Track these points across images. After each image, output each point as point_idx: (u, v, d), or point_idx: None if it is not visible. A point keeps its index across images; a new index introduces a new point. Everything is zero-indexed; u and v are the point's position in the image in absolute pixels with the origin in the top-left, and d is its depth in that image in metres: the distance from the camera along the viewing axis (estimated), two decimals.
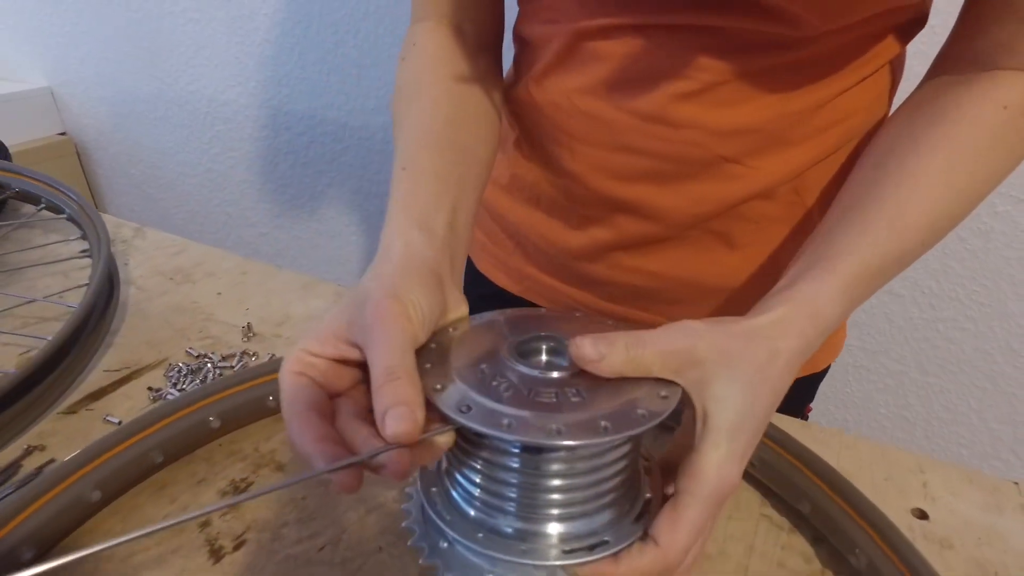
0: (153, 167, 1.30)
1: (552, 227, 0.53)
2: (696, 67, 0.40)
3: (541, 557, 0.28)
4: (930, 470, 0.41)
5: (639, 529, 0.29)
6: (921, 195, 0.35)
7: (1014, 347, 0.84)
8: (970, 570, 0.34)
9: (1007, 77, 0.36)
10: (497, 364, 0.29)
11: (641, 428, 0.25)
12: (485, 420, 0.25)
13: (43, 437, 0.43)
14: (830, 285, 0.32)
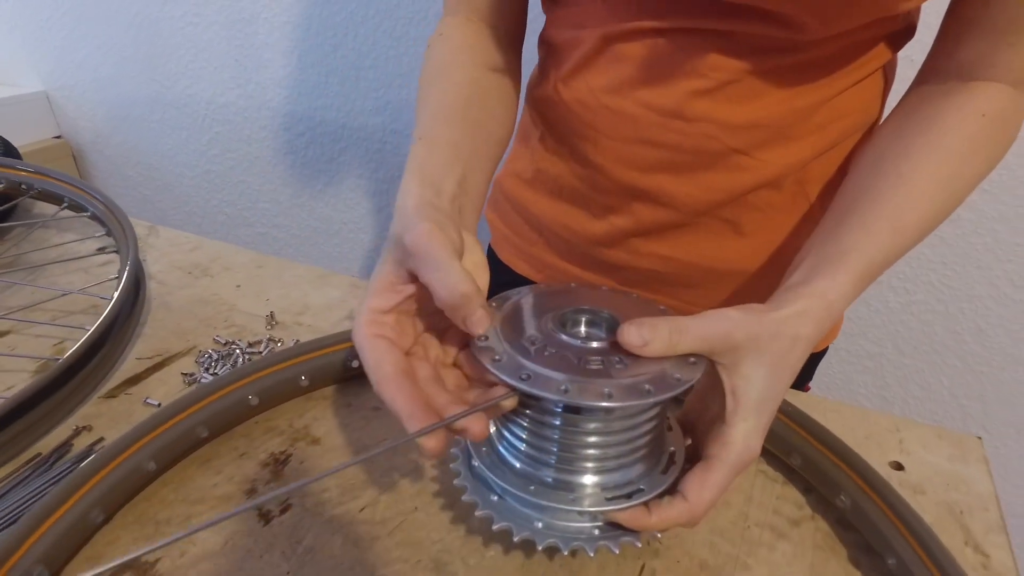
0: (150, 169, 1.32)
1: (574, 216, 0.57)
2: (711, 67, 0.44)
3: (586, 504, 0.32)
4: (905, 429, 0.46)
5: (668, 479, 0.33)
6: (916, 197, 0.39)
7: (982, 327, 0.89)
8: (939, 511, 0.39)
9: (984, 88, 0.41)
10: (545, 335, 0.32)
11: (679, 390, 0.29)
12: (545, 386, 0.29)
13: (89, 419, 0.46)
14: (841, 281, 0.35)
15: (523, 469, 0.34)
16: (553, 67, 0.53)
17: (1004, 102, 0.41)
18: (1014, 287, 0.86)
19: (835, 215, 0.41)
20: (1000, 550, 0.37)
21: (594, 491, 0.32)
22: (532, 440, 0.33)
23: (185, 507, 0.39)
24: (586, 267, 0.59)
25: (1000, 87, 0.41)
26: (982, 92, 0.41)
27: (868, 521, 0.36)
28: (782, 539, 0.38)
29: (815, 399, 0.47)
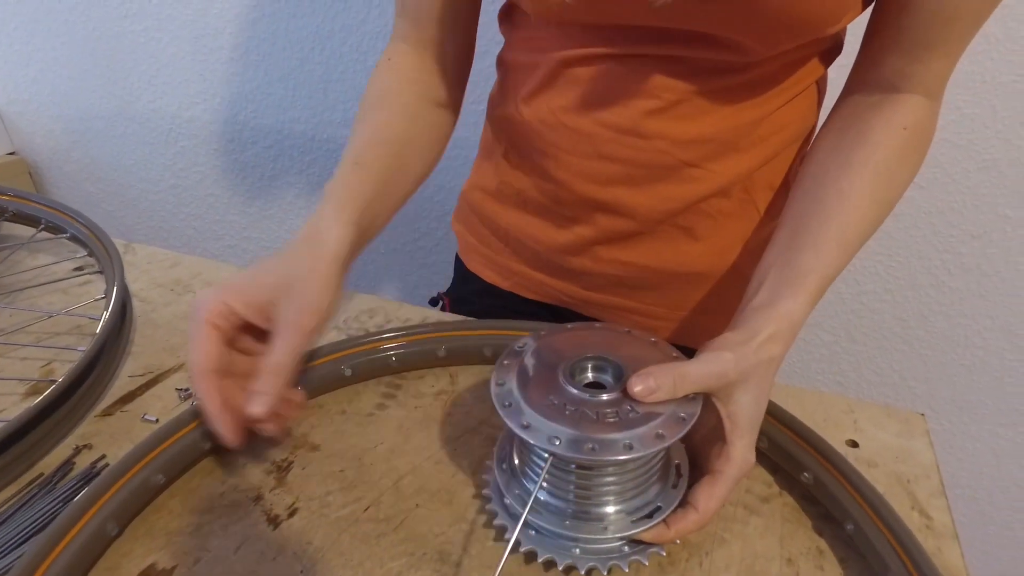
0: (113, 184, 1.30)
1: (539, 227, 0.60)
2: (662, 88, 0.48)
3: (618, 530, 0.36)
4: (858, 409, 0.50)
5: (679, 493, 0.38)
6: (858, 214, 0.44)
7: (924, 313, 0.96)
8: (889, 481, 0.43)
9: (904, 101, 0.46)
10: (561, 392, 0.36)
11: (686, 429, 0.34)
12: (574, 448, 0.33)
13: (87, 437, 0.47)
14: (802, 302, 0.40)
15: (556, 506, 0.38)
16: (513, 88, 0.56)
17: (920, 113, 0.46)
18: (950, 275, 0.93)
19: (787, 232, 0.45)
20: (941, 512, 0.42)
21: (620, 517, 0.37)
22: (564, 487, 0.38)
23: (195, 516, 0.41)
24: (551, 274, 0.62)
25: (917, 98, 0.46)
26: (902, 105, 0.46)
27: (829, 494, 0.40)
28: (754, 515, 0.41)
29: (778, 387, 0.51)
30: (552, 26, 0.51)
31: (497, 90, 0.61)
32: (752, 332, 0.38)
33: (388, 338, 0.53)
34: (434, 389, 0.53)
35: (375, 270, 1.25)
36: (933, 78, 0.45)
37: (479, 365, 0.55)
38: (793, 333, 0.40)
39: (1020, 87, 0.80)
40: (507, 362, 0.39)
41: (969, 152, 0.84)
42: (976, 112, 0.82)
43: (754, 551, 0.39)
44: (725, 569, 0.38)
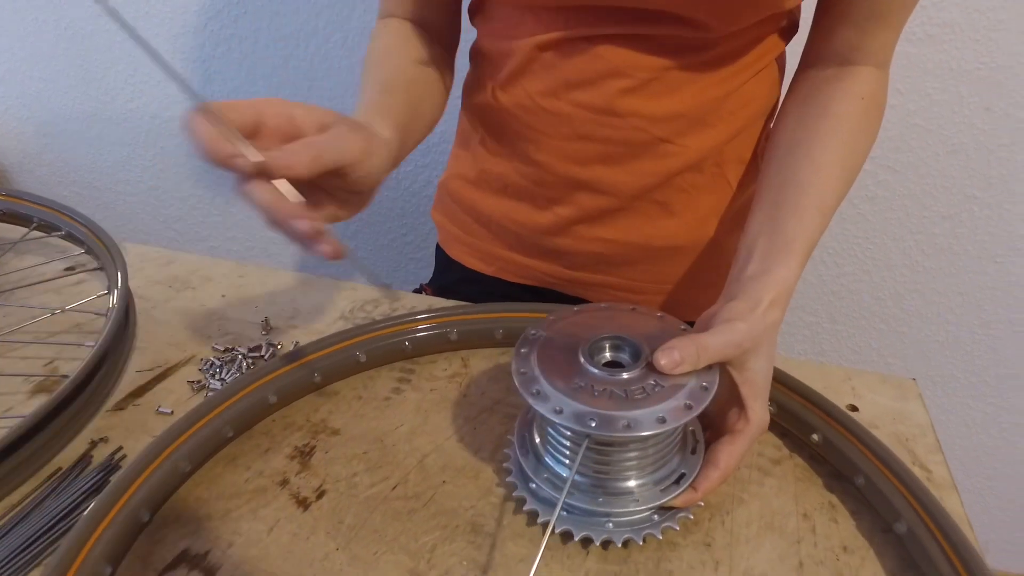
0: (89, 187, 1.27)
1: (520, 210, 0.61)
2: (634, 67, 0.51)
3: (648, 501, 0.38)
4: (855, 377, 0.53)
5: (699, 458, 0.39)
6: (831, 181, 0.47)
7: (899, 292, 1.00)
8: (890, 441, 0.46)
9: (859, 72, 0.50)
10: (584, 374, 0.37)
11: (710, 397, 0.35)
12: (609, 426, 0.34)
13: (102, 431, 0.47)
14: (792, 267, 0.43)
15: (586, 484, 0.39)
16: (488, 75, 0.58)
17: (874, 83, 0.50)
18: (923, 255, 0.97)
19: (768, 203, 0.47)
20: (939, 466, 0.45)
21: (648, 488, 0.38)
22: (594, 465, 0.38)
23: (222, 502, 0.41)
24: (534, 256, 0.64)
25: (869, 70, 0.50)
26: (857, 76, 0.50)
27: (837, 451, 0.42)
28: (768, 476, 0.43)
29: (779, 359, 0.53)
30: (523, 11, 0.53)
31: (471, 80, 0.63)
32: (755, 300, 0.40)
33: (402, 323, 0.53)
34: (447, 372, 0.53)
35: None
36: (881, 48, 0.50)
37: (490, 348, 0.56)
38: (789, 297, 0.42)
39: (983, 74, 0.84)
40: (524, 350, 0.40)
41: (938, 137, 0.88)
42: (944, 99, 0.86)
43: (771, 509, 0.41)
44: (746, 526, 0.40)
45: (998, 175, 0.90)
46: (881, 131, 0.88)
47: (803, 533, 0.39)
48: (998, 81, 0.84)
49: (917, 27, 0.83)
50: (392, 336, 0.53)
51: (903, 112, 0.88)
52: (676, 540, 0.39)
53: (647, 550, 0.38)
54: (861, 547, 0.39)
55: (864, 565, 0.38)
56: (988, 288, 0.98)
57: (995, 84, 0.84)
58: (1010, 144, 0.88)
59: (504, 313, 0.55)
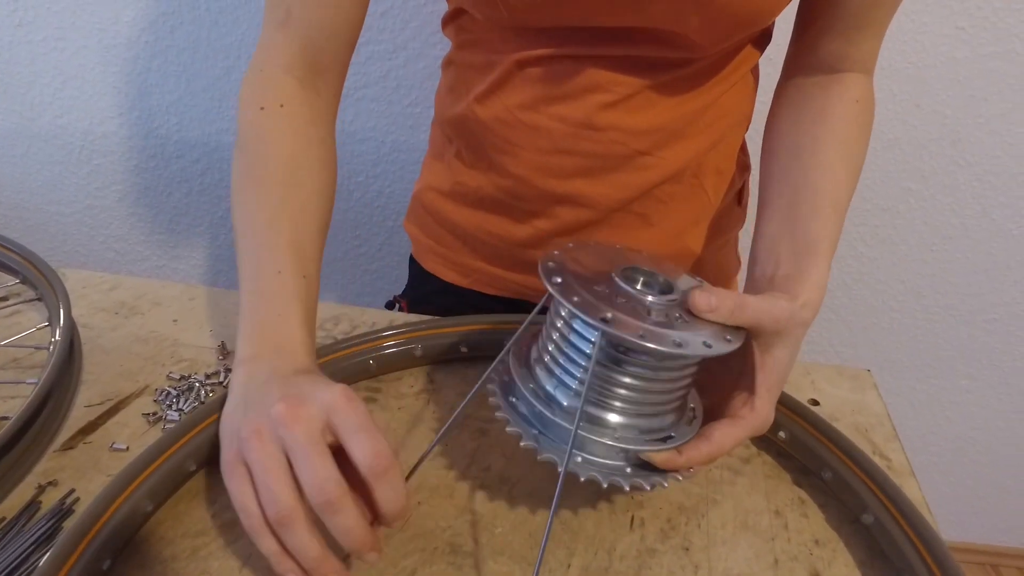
0: (16, 208, 1.20)
1: (497, 223, 0.61)
2: (613, 83, 0.50)
3: (627, 443, 0.35)
4: (814, 372, 0.55)
5: (693, 430, 0.37)
6: (841, 180, 0.47)
7: (846, 282, 1.05)
8: (851, 432, 0.47)
9: (850, 78, 0.51)
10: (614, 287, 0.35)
11: (731, 348, 0.33)
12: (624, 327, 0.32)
13: (50, 474, 0.44)
14: (822, 267, 0.42)
15: (570, 405, 0.36)
16: (464, 88, 0.57)
17: (864, 87, 0.52)
18: (867, 246, 1.02)
19: (782, 206, 0.47)
20: (897, 454, 0.47)
21: (633, 432, 0.36)
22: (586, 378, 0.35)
23: (188, 540, 0.39)
24: (511, 268, 0.64)
25: (856, 75, 0.51)
26: (848, 82, 0.51)
27: (804, 447, 0.43)
28: (739, 475, 0.44)
29: None
30: (505, 29, 0.52)
31: (445, 91, 0.62)
32: (792, 295, 0.40)
33: (366, 342, 0.52)
34: (414, 389, 0.53)
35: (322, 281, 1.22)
36: (867, 56, 0.51)
37: (456, 363, 0.55)
38: (821, 300, 0.41)
39: (911, 72, 0.89)
40: (552, 264, 0.37)
41: (875, 132, 0.91)
42: (879, 96, 0.90)
43: (744, 508, 0.42)
44: (722, 527, 0.40)
45: (930, 168, 0.95)
46: None
47: (776, 530, 0.40)
48: (924, 79, 0.89)
49: None
50: (357, 355, 0.52)
51: None
52: (655, 546, 0.39)
53: (627, 559, 0.38)
54: (831, 539, 0.40)
55: (836, 557, 0.39)
56: (927, 276, 1.03)
57: (922, 82, 0.89)
58: (938, 138, 0.92)
59: (469, 326, 0.54)
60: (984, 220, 0.97)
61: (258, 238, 0.43)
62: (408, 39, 0.94)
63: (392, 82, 0.98)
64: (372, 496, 0.33)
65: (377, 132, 1.03)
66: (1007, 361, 1.09)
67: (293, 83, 0.49)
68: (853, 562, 0.39)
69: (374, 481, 0.33)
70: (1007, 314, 1.05)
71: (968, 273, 1.02)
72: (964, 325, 1.06)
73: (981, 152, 0.92)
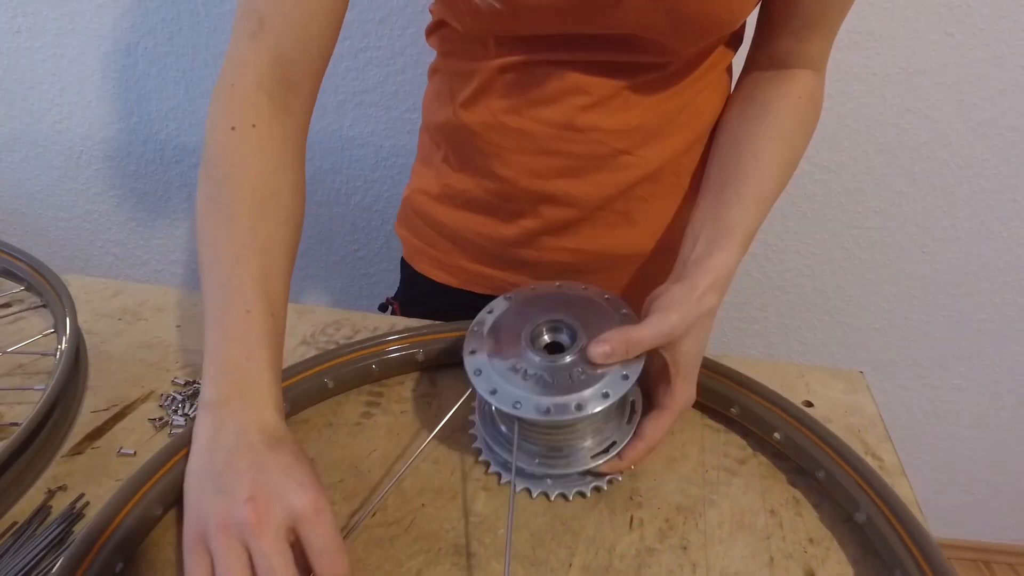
0: (15, 214, 1.20)
1: (486, 224, 0.62)
2: (592, 86, 0.52)
3: (578, 465, 0.42)
4: (808, 374, 0.56)
5: (632, 427, 0.43)
6: (770, 173, 0.50)
7: (839, 284, 1.06)
8: (843, 433, 0.48)
9: (796, 75, 0.54)
10: (523, 357, 0.42)
11: (628, 387, 0.39)
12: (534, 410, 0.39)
13: (59, 479, 0.45)
14: (731, 251, 0.46)
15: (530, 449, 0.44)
16: (449, 95, 0.59)
17: (811, 84, 0.54)
18: (860, 248, 1.03)
19: (712, 192, 0.51)
20: (889, 454, 0.48)
21: (582, 452, 0.43)
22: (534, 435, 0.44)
23: None
24: (501, 267, 0.65)
25: (805, 72, 0.54)
26: (795, 79, 0.54)
27: (798, 448, 0.44)
28: (735, 476, 0.45)
29: (736, 359, 0.56)
30: (485, 37, 0.53)
31: (431, 98, 0.63)
32: (692, 286, 0.43)
33: (368, 347, 0.53)
34: (416, 393, 0.53)
35: (314, 284, 1.22)
36: (816, 55, 0.54)
37: (457, 366, 0.56)
38: (728, 281, 0.45)
39: (902, 78, 0.90)
40: (476, 328, 0.45)
41: (867, 137, 0.94)
42: (871, 101, 0.92)
43: (740, 507, 0.43)
44: (719, 527, 0.41)
45: (921, 171, 0.96)
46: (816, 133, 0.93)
47: (771, 529, 0.41)
48: (915, 84, 0.90)
49: (844, 35, 0.87)
50: (359, 360, 0.53)
51: (835, 115, 0.93)
52: (654, 546, 0.40)
53: (627, 558, 0.39)
54: (825, 538, 0.41)
55: (829, 555, 0.40)
56: (918, 277, 1.04)
57: (913, 87, 0.90)
58: (929, 142, 0.94)
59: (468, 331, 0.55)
60: (974, 222, 0.99)
61: (224, 272, 0.41)
62: (406, 45, 0.95)
63: (390, 87, 0.99)
64: None
65: (375, 137, 1.04)
66: (997, 361, 1.11)
67: (264, 100, 0.46)
68: (846, 560, 0.40)
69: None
70: (997, 315, 1.06)
71: (959, 274, 1.03)
72: (955, 325, 1.08)
73: (971, 156, 0.94)
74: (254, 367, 0.39)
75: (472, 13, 0.48)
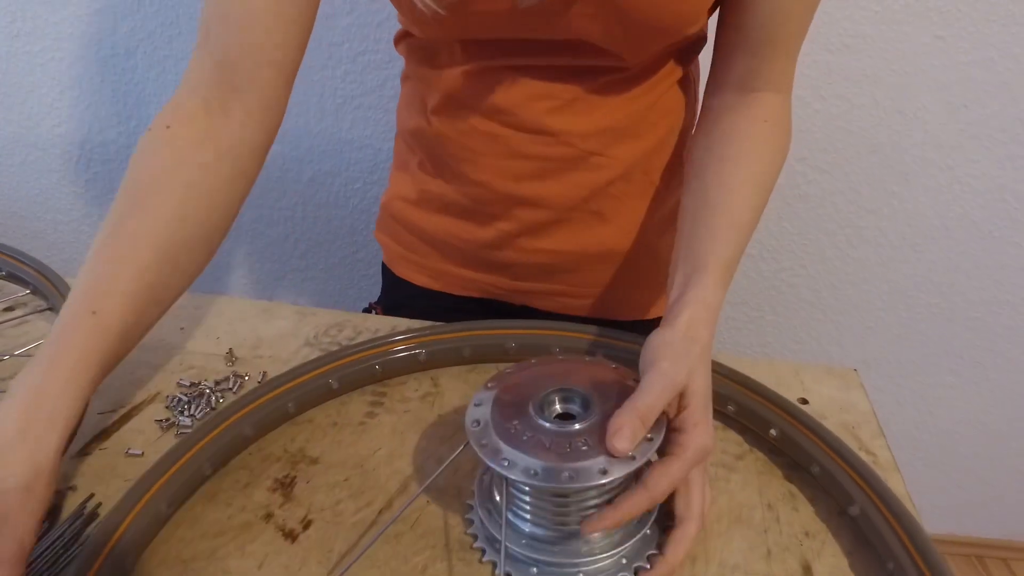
0: (14, 217, 1.20)
1: (463, 227, 0.63)
2: (559, 90, 0.54)
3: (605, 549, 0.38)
4: (803, 372, 0.57)
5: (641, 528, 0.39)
6: (742, 199, 0.49)
7: (833, 283, 1.08)
8: (839, 429, 0.49)
9: (759, 98, 0.53)
10: (533, 426, 0.37)
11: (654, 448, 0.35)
12: (550, 478, 0.34)
13: (68, 479, 0.46)
14: (706, 286, 0.43)
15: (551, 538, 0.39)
16: (419, 102, 0.60)
17: (776, 108, 0.53)
18: (852, 247, 1.05)
19: (686, 229, 0.49)
20: (883, 450, 0.49)
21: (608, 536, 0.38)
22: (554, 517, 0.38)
23: (207, 542, 0.41)
24: (480, 269, 0.66)
25: (768, 95, 0.53)
26: (758, 103, 0.52)
27: (794, 444, 0.45)
28: (733, 472, 0.46)
29: (732, 358, 0.57)
30: (450, 43, 0.54)
31: (403, 105, 0.65)
32: (674, 328, 0.41)
33: (371, 348, 0.54)
34: (418, 393, 0.54)
35: (314, 287, 1.23)
36: (779, 75, 0.52)
37: (458, 366, 0.57)
38: (711, 314, 0.43)
39: (893, 80, 0.92)
40: (479, 402, 0.39)
41: (859, 138, 0.95)
42: (863, 103, 0.93)
43: (738, 502, 0.44)
44: (717, 521, 0.43)
45: (912, 171, 0.98)
46: (809, 134, 0.95)
47: (768, 523, 0.42)
48: (905, 86, 0.91)
49: (835, 38, 0.89)
50: (363, 361, 0.53)
51: (827, 116, 0.94)
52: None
53: None
54: (820, 531, 0.42)
55: (824, 547, 0.41)
56: (911, 275, 1.06)
57: (903, 89, 0.92)
58: (920, 143, 0.95)
59: (469, 332, 0.56)
60: (964, 221, 1.00)
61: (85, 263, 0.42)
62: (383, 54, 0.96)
63: (389, 91, 0.99)
64: None
65: (374, 140, 1.05)
66: (989, 357, 1.12)
67: (195, 104, 0.46)
68: (841, 552, 0.41)
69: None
70: (988, 312, 1.08)
71: (950, 272, 1.05)
72: (947, 323, 1.09)
73: (961, 156, 0.95)
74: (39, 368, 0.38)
75: (418, 18, 0.49)
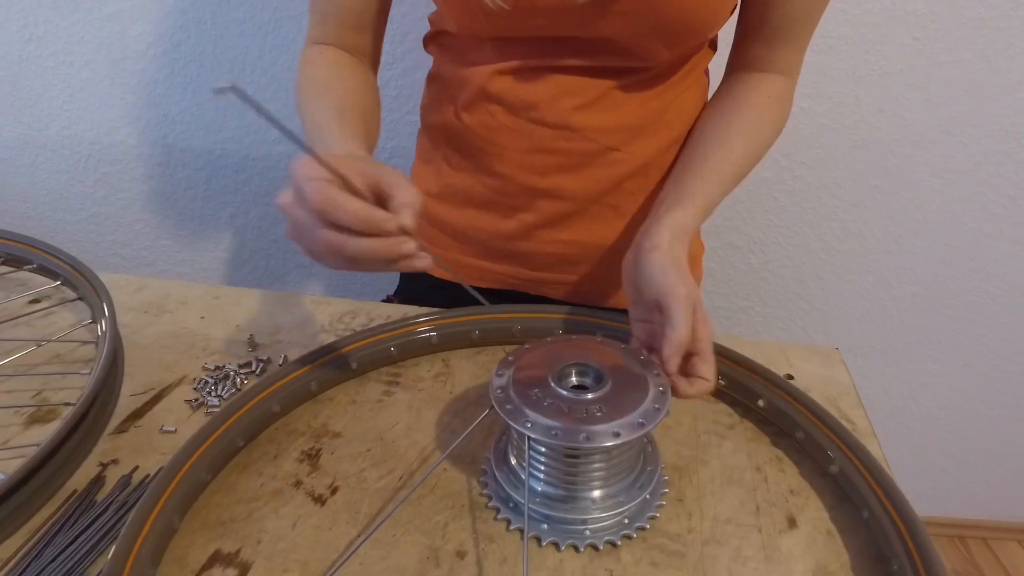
0: (23, 217, 1.23)
1: (485, 219, 0.67)
2: (583, 88, 0.58)
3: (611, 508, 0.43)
4: (789, 350, 0.61)
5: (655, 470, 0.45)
6: (732, 153, 0.57)
7: (818, 274, 1.12)
8: (821, 400, 0.53)
9: (768, 78, 0.61)
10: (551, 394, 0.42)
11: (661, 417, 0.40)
12: (569, 438, 0.38)
13: (109, 454, 0.49)
14: (686, 211, 0.52)
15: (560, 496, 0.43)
16: (449, 99, 0.64)
17: (780, 87, 0.60)
18: (837, 239, 1.09)
19: (679, 168, 0.58)
20: (861, 419, 0.53)
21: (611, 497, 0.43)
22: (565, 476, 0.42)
23: (242, 506, 0.44)
24: (498, 260, 0.70)
25: (776, 76, 0.60)
26: (767, 81, 0.60)
27: (780, 412, 0.49)
28: (724, 439, 0.50)
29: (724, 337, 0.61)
30: (482, 42, 0.59)
31: (430, 102, 0.69)
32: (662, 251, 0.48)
33: (386, 331, 0.58)
34: (431, 373, 0.58)
35: (320, 280, 1.26)
36: (786, 62, 0.60)
37: (467, 348, 0.61)
38: (686, 237, 0.51)
39: (875, 79, 0.96)
40: (501, 374, 0.44)
41: (843, 135, 1.00)
42: (845, 101, 0.98)
43: (730, 466, 0.48)
44: (711, 481, 0.46)
45: (894, 167, 1.02)
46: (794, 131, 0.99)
47: (757, 483, 0.46)
48: (886, 85, 0.96)
49: (820, 39, 0.94)
50: (379, 343, 0.57)
51: (812, 114, 0.99)
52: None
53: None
54: (804, 489, 0.46)
55: (808, 503, 0.45)
56: (893, 267, 1.10)
57: (884, 88, 0.96)
58: (901, 140, 1.00)
59: (480, 315, 0.60)
60: (944, 215, 1.05)
61: (310, 119, 0.55)
62: (407, 51, 0.99)
63: (392, 91, 1.03)
64: None
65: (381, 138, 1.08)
66: (969, 345, 1.17)
67: (325, 47, 0.63)
68: (823, 506, 0.45)
69: None
70: (967, 301, 1.13)
71: (931, 263, 1.10)
72: (929, 312, 1.14)
73: (939, 152, 1.00)
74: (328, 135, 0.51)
75: (480, 13, 0.53)
